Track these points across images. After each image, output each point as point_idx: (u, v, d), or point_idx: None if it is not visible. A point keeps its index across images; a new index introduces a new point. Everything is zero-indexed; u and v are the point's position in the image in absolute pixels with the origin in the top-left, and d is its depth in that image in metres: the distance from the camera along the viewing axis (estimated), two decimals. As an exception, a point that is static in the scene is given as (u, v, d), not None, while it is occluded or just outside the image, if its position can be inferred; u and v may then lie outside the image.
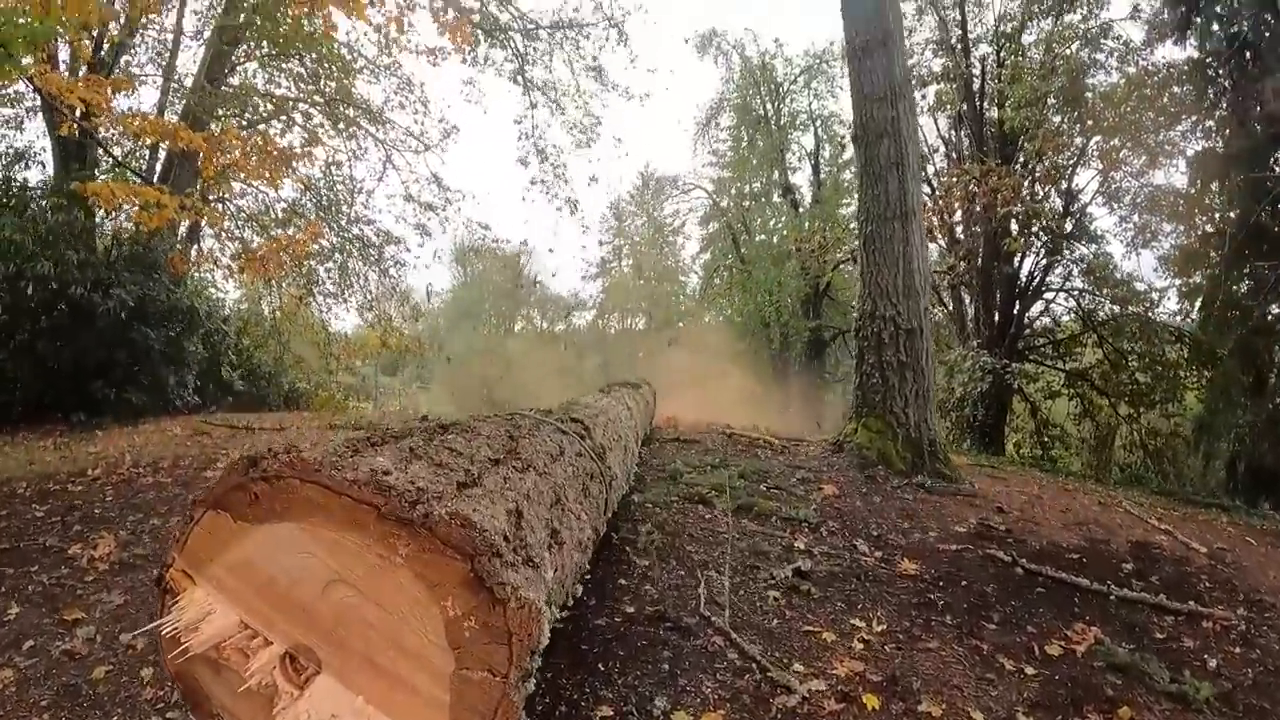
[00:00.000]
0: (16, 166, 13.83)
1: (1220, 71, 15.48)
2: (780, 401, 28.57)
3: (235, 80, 18.70)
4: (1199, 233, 17.58)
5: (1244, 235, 14.28)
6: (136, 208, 10.19)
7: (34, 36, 5.96)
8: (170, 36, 17.03)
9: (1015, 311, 20.37)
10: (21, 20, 5.74)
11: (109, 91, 10.52)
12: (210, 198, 18.35)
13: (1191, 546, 7.38)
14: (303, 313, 20.01)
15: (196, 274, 15.90)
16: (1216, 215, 16.75)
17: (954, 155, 21.64)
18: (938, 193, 20.96)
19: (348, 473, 2.07)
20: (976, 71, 20.61)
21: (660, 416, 14.04)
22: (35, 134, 15.10)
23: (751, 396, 31.20)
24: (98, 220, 13.95)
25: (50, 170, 14.49)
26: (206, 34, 17.08)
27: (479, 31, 19.22)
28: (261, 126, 18.82)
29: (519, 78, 20.02)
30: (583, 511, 3.50)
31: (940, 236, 21.16)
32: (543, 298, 56.39)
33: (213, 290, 16.76)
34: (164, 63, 17.15)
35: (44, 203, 12.88)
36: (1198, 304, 16.93)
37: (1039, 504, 8.85)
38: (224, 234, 19.35)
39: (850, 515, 7.08)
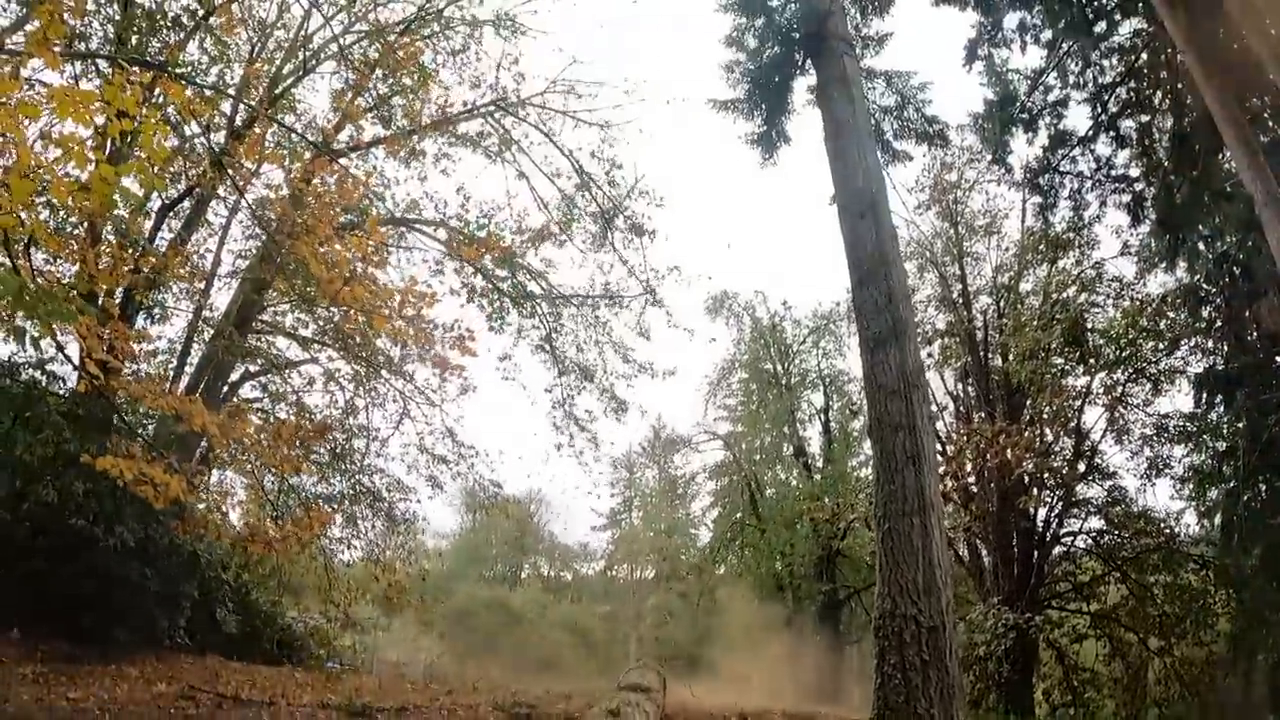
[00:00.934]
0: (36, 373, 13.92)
1: (1212, 292, 15.78)
2: (795, 665, 27.32)
3: (265, 317, 19.37)
4: (1210, 451, 17.52)
5: (1257, 451, 14.20)
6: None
7: (57, 318, 6.08)
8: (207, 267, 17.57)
9: (1034, 560, 19.92)
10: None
11: (132, 346, 10.79)
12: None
13: None
14: (305, 556, 19.59)
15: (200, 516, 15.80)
16: (1225, 431, 16.80)
17: (962, 410, 21.79)
18: (949, 450, 20.89)
19: None
20: (979, 324, 21.10)
21: (671, 701, 13.31)
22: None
23: (771, 662, 29.92)
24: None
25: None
26: (236, 277, 17.73)
27: (507, 301, 19.86)
28: (288, 376, 19.23)
29: (547, 345, 20.42)
30: None
31: (954, 493, 20.86)
32: (551, 546, 55.55)
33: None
34: (195, 299, 17.65)
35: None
36: (1217, 521, 16.77)
37: None
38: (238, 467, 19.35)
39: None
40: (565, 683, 35.40)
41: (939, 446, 20.12)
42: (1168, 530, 18.69)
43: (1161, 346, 18.55)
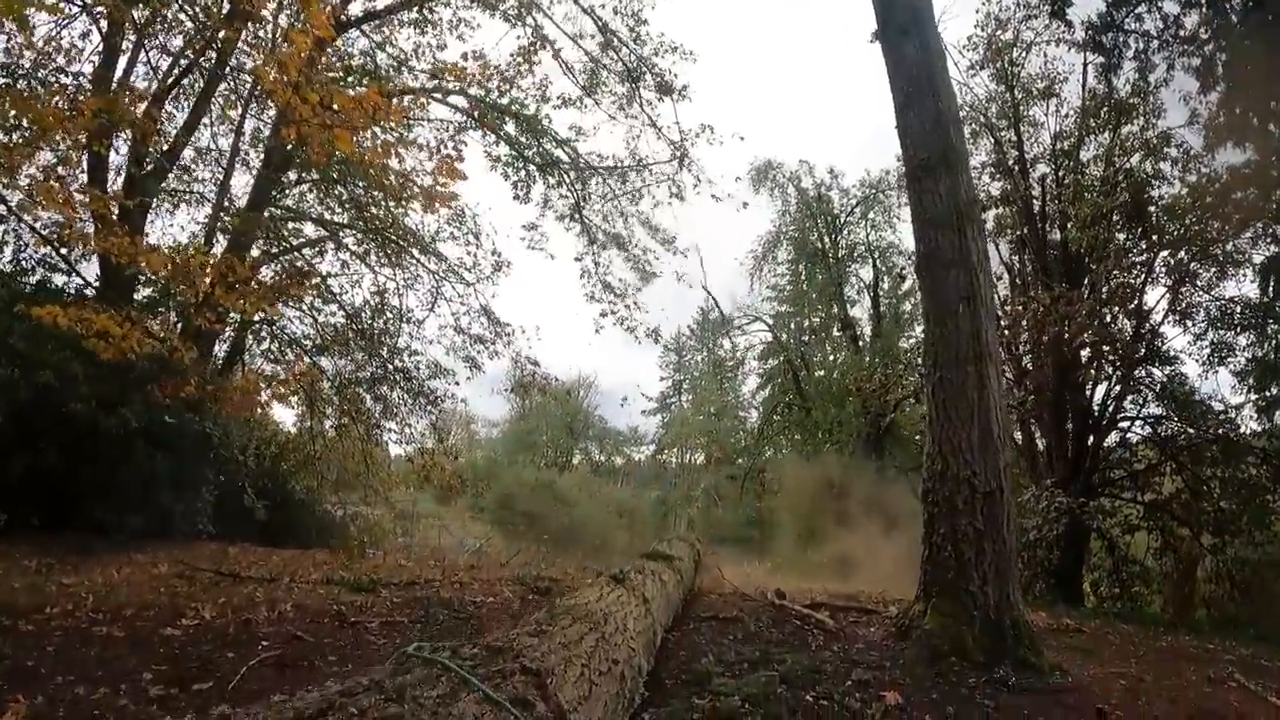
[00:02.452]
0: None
1: (1284, 173, 14.40)
2: (844, 546, 26.69)
3: (289, 203, 18.55)
4: (1274, 343, 16.74)
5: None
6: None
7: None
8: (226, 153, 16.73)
9: (1089, 445, 18.80)
10: None
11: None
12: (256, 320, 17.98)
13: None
14: (346, 441, 19.21)
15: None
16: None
17: (1018, 282, 20.34)
18: (1003, 323, 19.53)
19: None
20: (1036, 193, 19.47)
21: (710, 576, 12.59)
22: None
23: (814, 537, 29.38)
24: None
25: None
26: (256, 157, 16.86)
27: (533, 169, 18.80)
28: (307, 252, 18.50)
29: (576, 214, 19.37)
30: None
31: (1008, 369, 19.59)
32: (601, 432, 55.55)
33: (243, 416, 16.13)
34: (218, 182, 16.87)
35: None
36: (1277, 417, 16.14)
37: (1142, 692, 7.18)
38: (265, 355, 18.89)
39: (919, 739, 5.56)
40: (610, 563, 35.74)
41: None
42: (1228, 422, 17.33)
43: (1228, 227, 16.86)
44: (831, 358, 31.81)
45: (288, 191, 18.50)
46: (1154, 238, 17.76)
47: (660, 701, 5.59)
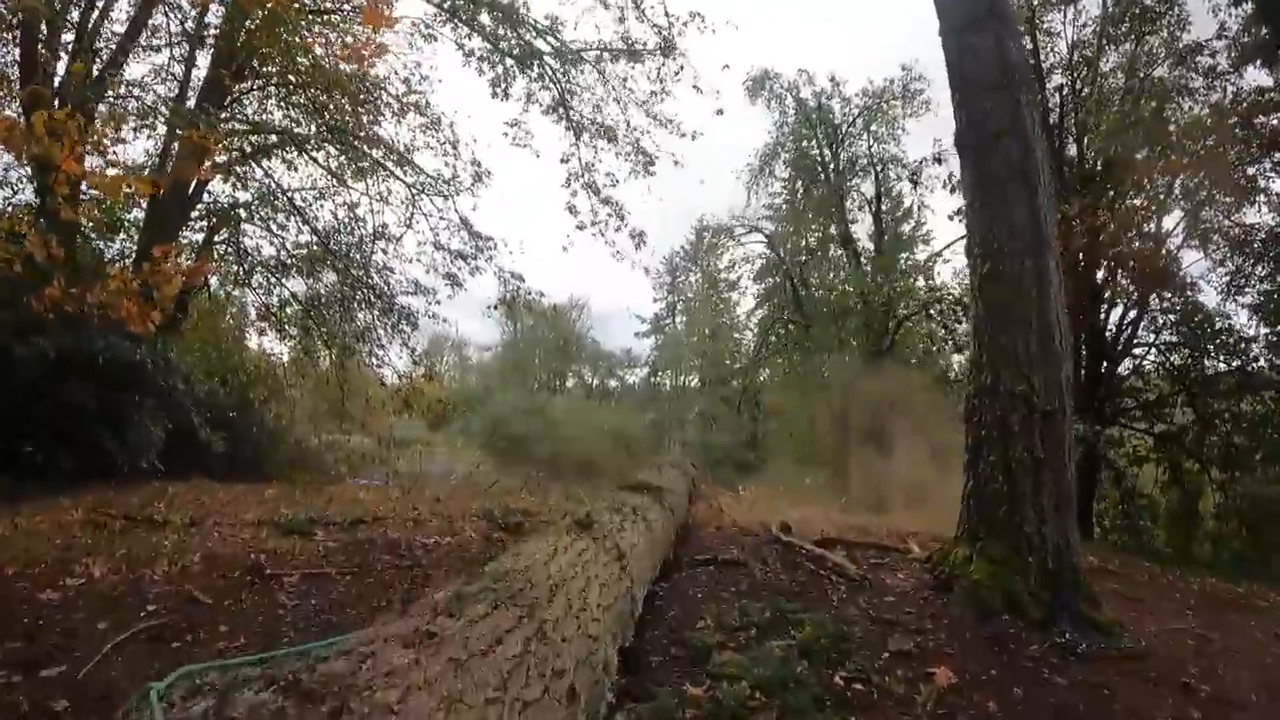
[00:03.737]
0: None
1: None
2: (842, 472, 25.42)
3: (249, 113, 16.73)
4: None
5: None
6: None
7: None
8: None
9: (1103, 371, 17.43)
10: None
11: None
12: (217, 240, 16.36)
13: None
14: (321, 366, 17.71)
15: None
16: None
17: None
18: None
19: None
20: (1053, 104, 17.64)
21: (708, 506, 11.20)
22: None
23: (813, 462, 28.10)
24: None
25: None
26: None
27: (511, 62, 16.90)
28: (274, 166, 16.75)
29: (561, 109, 17.46)
30: None
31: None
32: (594, 354, 54.10)
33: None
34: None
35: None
36: None
37: (1214, 656, 5.94)
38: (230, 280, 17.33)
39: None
40: (598, 489, 34.62)
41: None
42: (1243, 354, 16.06)
43: (1252, 152, 15.36)
44: (831, 276, 30.04)
45: (246, 99, 16.56)
46: (1173, 157, 16.07)
47: (640, 689, 4.14)
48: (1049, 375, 6.11)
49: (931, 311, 18.23)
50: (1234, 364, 15.99)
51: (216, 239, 16.49)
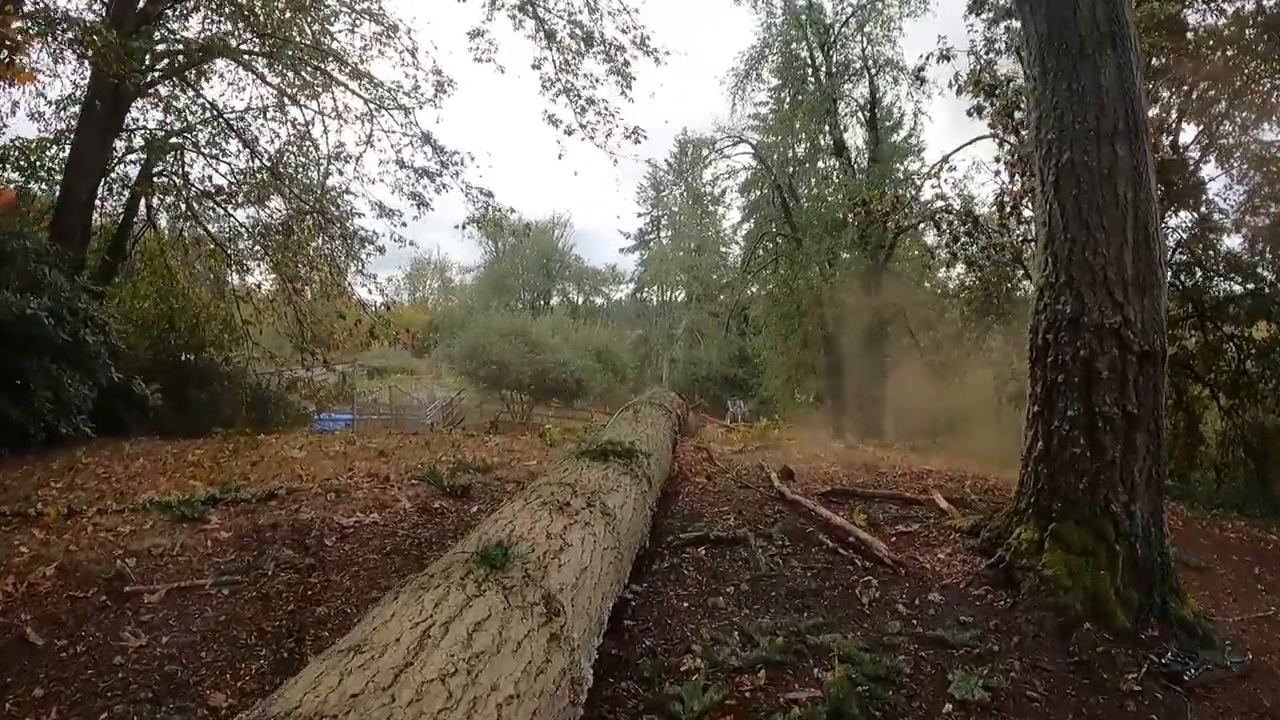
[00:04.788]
0: None
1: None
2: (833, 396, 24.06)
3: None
4: None
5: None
6: None
7: None
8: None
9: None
10: None
11: None
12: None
13: None
14: (275, 301, 15.97)
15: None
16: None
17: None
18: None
19: None
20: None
21: (696, 448, 9.74)
22: None
23: (806, 380, 26.70)
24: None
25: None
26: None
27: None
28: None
29: (529, 7, 15.34)
30: None
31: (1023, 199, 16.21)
32: (578, 271, 52.36)
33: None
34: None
35: None
36: None
37: None
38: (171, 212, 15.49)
39: None
40: (590, 410, 33.45)
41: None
42: (1258, 278, 14.59)
43: (1273, 66, 13.62)
44: (817, 192, 27.98)
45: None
46: (1190, 65, 14.24)
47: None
48: (1148, 304, 4.48)
49: (940, 222, 16.44)
50: (1248, 287, 14.54)
51: (156, 170, 14.57)
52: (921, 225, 19.24)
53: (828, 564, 5.13)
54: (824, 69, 26.94)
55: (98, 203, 13.28)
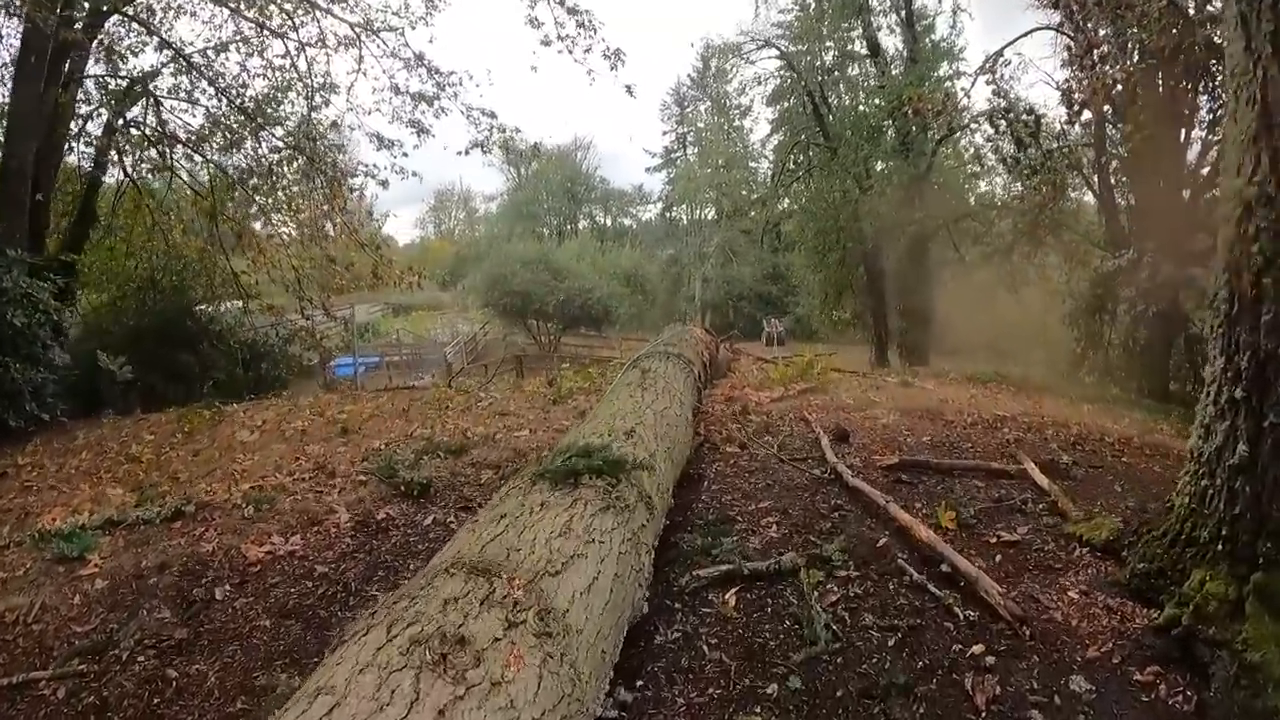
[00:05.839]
0: None
1: None
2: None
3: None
4: None
5: None
6: None
7: None
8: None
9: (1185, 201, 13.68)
10: None
11: None
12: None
13: None
14: (264, 252, 14.41)
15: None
16: None
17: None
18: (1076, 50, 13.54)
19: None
20: None
21: (722, 396, 8.18)
22: None
23: (839, 295, 24.74)
24: None
25: None
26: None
27: None
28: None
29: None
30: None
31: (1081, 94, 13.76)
32: (604, 194, 50.08)
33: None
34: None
35: None
36: None
37: None
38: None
39: None
40: (619, 339, 31.70)
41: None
42: None
43: None
44: (848, 101, 25.32)
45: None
46: None
47: None
48: None
49: (998, 123, 14.34)
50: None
51: (123, 122, 13.15)
52: (974, 127, 16.97)
53: (915, 619, 3.49)
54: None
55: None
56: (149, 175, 14.00)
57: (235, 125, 13.67)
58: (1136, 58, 11.66)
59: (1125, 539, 3.88)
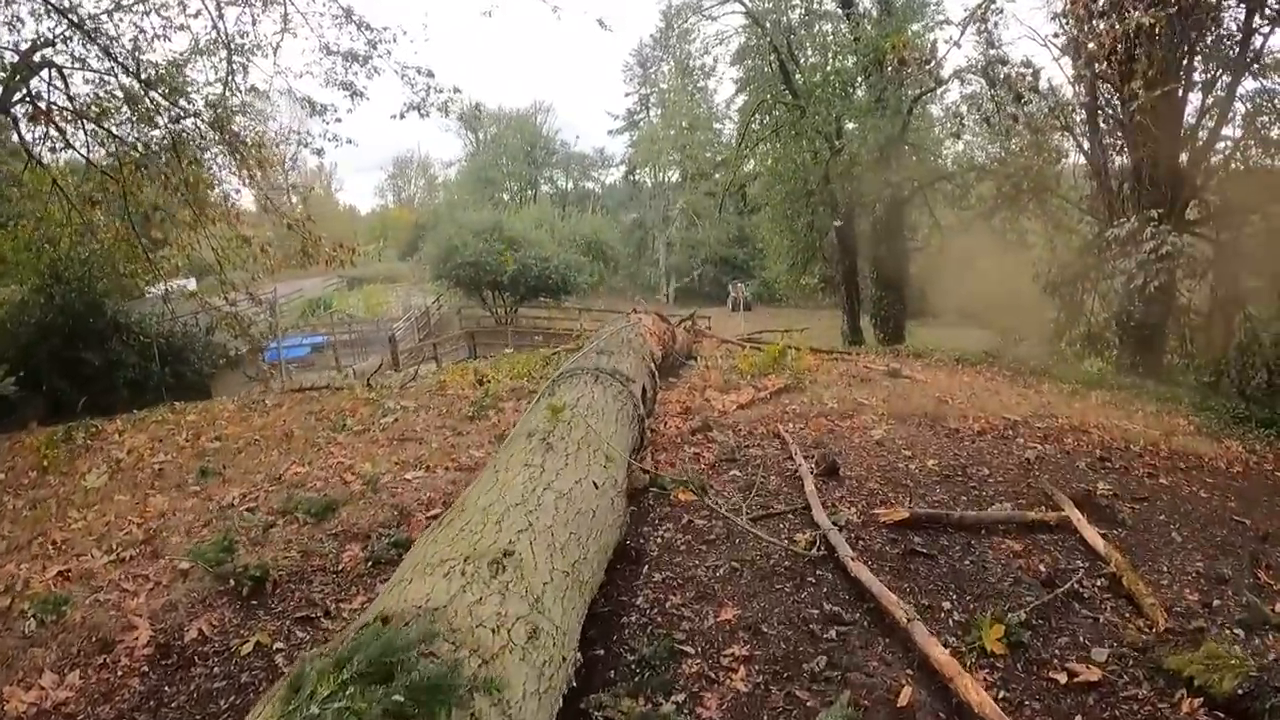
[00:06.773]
0: None
1: None
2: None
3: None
4: None
5: None
6: None
7: None
8: None
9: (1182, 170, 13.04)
10: None
11: None
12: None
13: None
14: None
15: None
16: None
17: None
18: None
19: None
20: None
21: (678, 408, 6.84)
22: None
23: (808, 260, 23.38)
24: None
25: None
26: None
27: None
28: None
29: None
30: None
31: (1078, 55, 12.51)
32: (565, 157, 48.09)
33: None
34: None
35: None
36: None
37: None
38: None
39: None
40: (581, 309, 30.00)
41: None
42: None
43: None
44: (815, 58, 23.52)
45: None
46: None
47: None
48: None
49: (995, 74, 13.09)
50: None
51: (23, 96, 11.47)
52: (957, 83, 15.65)
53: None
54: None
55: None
56: (50, 153, 12.34)
57: (130, 96, 12.01)
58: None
59: (1265, 700, 2.55)
